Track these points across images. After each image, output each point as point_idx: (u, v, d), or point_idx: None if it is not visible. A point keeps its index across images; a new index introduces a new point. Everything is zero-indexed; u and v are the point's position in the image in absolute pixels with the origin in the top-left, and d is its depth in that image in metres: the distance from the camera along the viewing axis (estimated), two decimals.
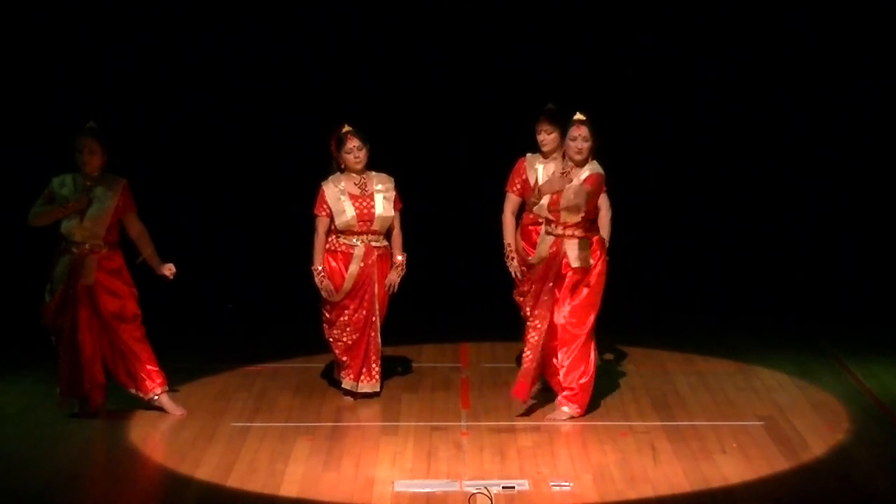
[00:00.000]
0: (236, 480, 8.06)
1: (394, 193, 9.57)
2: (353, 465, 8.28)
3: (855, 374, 10.13)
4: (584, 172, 9.05)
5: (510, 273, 9.73)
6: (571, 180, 9.01)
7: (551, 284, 9.13)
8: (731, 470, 8.14)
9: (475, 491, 7.77)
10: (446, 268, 12.44)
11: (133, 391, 9.25)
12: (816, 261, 12.52)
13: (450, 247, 12.39)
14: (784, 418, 9.11)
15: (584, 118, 9.17)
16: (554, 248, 9.12)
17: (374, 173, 9.57)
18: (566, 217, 9.07)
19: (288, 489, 7.91)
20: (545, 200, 9.06)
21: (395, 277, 9.64)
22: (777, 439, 8.67)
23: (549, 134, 9.60)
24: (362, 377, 9.57)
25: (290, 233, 11.16)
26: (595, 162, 9.11)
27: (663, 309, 12.20)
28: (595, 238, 9.15)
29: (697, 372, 10.28)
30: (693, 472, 8.10)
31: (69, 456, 8.55)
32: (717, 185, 12.54)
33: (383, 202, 9.51)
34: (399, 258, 9.66)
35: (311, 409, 9.47)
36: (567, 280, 9.11)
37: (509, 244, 9.72)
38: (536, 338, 9.18)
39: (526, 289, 9.62)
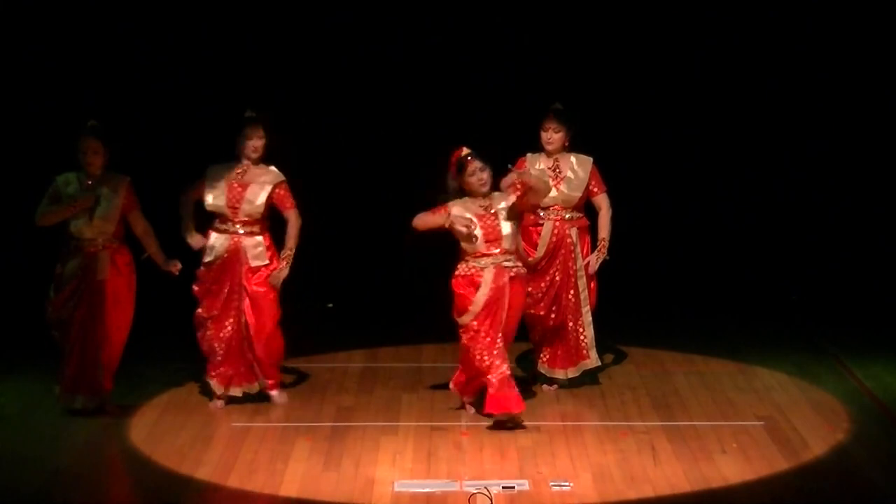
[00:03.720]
0: (236, 480, 8.06)
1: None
2: (353, 465, 8.28)
3: (855, 374, 10.13)
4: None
5: None
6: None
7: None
8: (731, 470, 8.14)
9: (475, 491, 7.77)
10: (446, 268, 12.42)
11: (83, 393, 9.25)
12: (817, 261, 12.51)
13: (450, 246, 12.38)
14: (784, 418, 9.11)
15: (254, 114, 9.43)
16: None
17: (496, 193, 9.20)
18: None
19: (288, 489, 7.91)
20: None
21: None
22: (777, 439, 8.67)
23: (556, 133, 9.61)
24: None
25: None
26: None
27: (663, 309, 12.20)
28: None
29: (697, 372, 10.29)
30: (693, 472, 8.10)
31: (69, 455, 8.55)
32: (718, 185, 12.53)
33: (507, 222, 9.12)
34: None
35: (311, 409, 9.47)
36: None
37: None
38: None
39: (528, 294, 9.68)
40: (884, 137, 12.37)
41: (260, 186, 9.40)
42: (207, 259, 9.41)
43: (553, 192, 9.65)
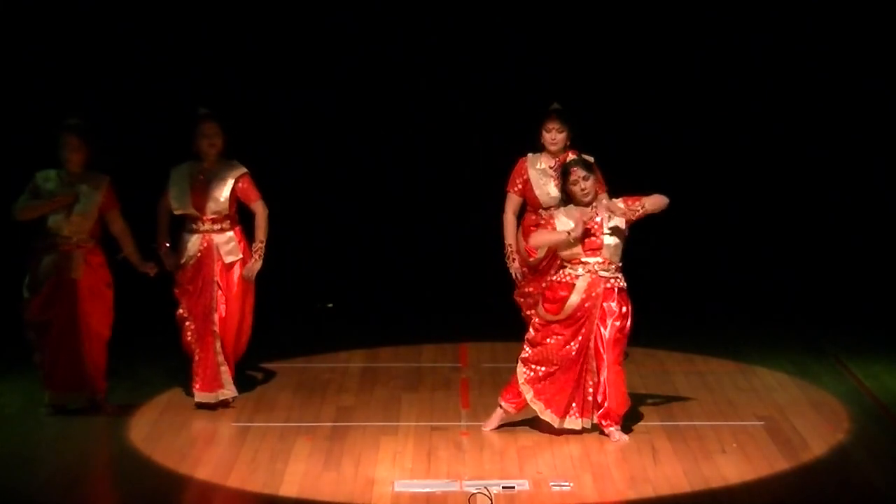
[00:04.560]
0: (236, 480, 8.06)
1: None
2: (353, 465, 8.28)
3: (855, 374, 10.12)
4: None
5: (511, 274, 9.73)
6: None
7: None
8: (731, 470, 8.14)
9: (475, 491, 7.77)
10: (446, 268, 12.43)
11: (77, 390, 9.26)
12: (817, 261, 12.51)
13: (450, 247, 12.39)
14: (784, 418, 9.11)
15: (207, 111, 9.32)
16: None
17: (603, 202, 8.89)
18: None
19: (288, 489, 7.91)
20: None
21: None
22: (777, 439, 8.67)
23: (560, 133, 9.60)
24: (571, 413, 8.79)
25: (290, 232, 11.16)
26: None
27: (663, 309, 12.19)
28: None
29: (697, 372, 10.28)
30: (693, 472, 8.10)
31: (69, 456, 8.55)
32: (718, 185, 12.53)
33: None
34: None
35: (311, 409, 9.47)
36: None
37: (510, 245, 9.72)
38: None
39: (528, 295, 9.67)
40: (883, 138, 12.37)
41: (222, 182, 9.42)
42: (182, 260, 9.43)
43: (555, 192, 9.65)
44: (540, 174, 9.67)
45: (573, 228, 8.73)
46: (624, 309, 8.78)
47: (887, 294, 12.17)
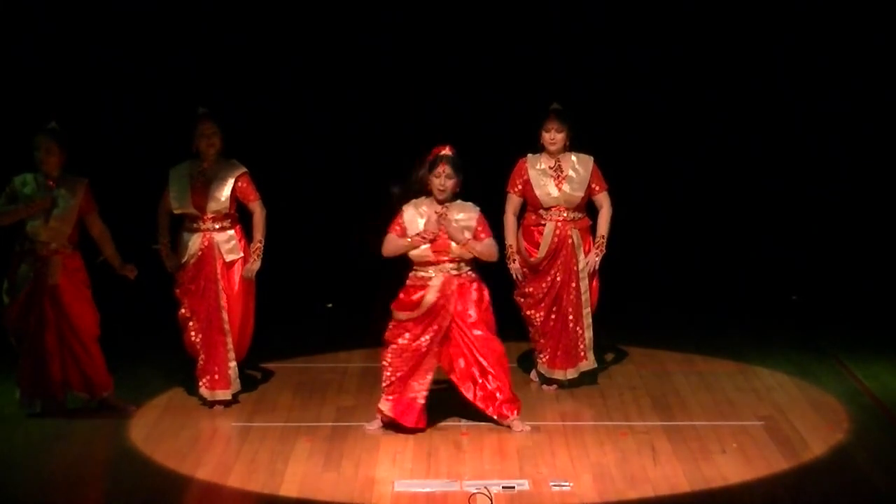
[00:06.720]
0: (236, 480, 8.07)
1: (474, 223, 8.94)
2: (353, 465, 8.28)
3: (855, 374, 10.13)
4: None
5: (511, 274, 9.74)
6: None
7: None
8: (731, 470, 8.14)
9: (475, 491, 7.77)
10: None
11: (83, 394, 9.26)
12: (817, 261, 12.51)
13: None
14: (784, 418, 9.11)
15: (206, 110, 9.34)
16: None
17: (458, 202, 8.95)
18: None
19: (288, 489, 7.92)
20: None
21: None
22: (777, 439, 8.67)
23: (559, 133, 9.61)
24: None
25: (288, 232, 11.14)
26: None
27: (663, 309, 12.20)
28: None
29: (697, 372, 10.29)
30: (693, 472, 8.10)
31: (69, 456, 8.55)
32: (718, 184, 12.53)
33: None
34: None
35: (311, 409, 9.47)
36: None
37: (510, 245, 9.73)
38: None
39: (528, 295, 9.70)
40: (884, 137, 12.37)
41: (222, 181, 9.44)
42: (183, 260, 9.43)
43: (555, 193, 9.67)
44: (540, 174, 9.68)
45: (424, 231, 8.83)
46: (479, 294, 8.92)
47: (887, 294, 12.17)
